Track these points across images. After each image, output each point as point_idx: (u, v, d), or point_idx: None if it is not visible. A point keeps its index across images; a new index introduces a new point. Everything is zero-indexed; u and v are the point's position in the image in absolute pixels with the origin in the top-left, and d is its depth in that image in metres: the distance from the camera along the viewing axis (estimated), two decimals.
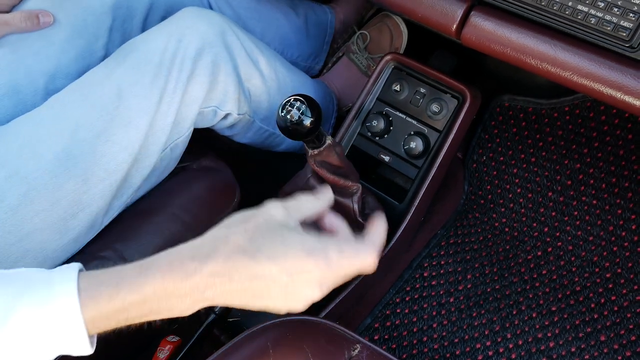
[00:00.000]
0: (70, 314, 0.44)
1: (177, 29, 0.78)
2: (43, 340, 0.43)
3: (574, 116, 1.09)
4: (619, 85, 0.61)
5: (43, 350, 0.44)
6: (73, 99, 0.73)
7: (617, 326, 0.95)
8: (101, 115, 0.72)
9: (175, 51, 0.77)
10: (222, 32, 0.82)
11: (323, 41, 1.20)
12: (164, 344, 0.82)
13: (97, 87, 0.74)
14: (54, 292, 0.44)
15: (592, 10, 0.62)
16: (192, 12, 0.81)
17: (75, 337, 0.44)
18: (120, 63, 0.75)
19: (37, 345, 0.43)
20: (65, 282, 0.44)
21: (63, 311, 0.43)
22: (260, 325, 0.63)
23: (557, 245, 1.06)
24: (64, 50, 0.81)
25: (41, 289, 0.44)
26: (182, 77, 0.77)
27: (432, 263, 1.05)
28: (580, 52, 0.63)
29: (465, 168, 1.16)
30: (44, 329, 0.43)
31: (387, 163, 0.95)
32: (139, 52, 0.76)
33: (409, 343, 0.97)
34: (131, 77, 0.74)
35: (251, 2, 1.05)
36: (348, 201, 0.79)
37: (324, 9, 1.22)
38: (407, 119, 0.94)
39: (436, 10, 0.71)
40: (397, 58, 0.96)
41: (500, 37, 0.67)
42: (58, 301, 0.44)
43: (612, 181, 1.05)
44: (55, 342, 0.44)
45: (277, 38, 1.09)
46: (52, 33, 0.80)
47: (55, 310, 0.43)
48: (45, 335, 0.43)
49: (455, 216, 1.12)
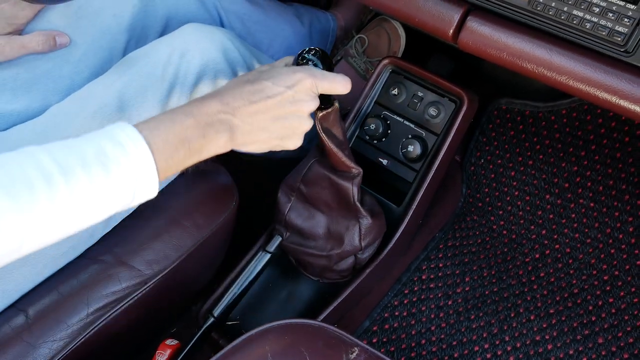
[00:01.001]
0: (147, 160, 0.53)
1: (180, 43, 0.79)
2: (130, 185, 0.53)
3: (571, 119, 1.09)
4: (614, 89, 0.61)
5: (129, 192, 0.53)
6: (74, 108, 0.73)
7: (615, 328, 0.96)
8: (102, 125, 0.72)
9: (178, 65, 0.77)
10: (225, 48, 0.82)
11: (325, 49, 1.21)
12: (162, 347, 0.82)
13: (98, 97, 0.74)
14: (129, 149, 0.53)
15: (588, 15, 0.62)
16: (195, 28, 0.82)
17: (150, 176, 0.54)
18: (121, 75, 0.75)
19: (126, 190, 0.53)
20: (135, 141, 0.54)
21: (141, 160, 0.53)
22: (259, 329, 0.63)
23: (555, 248, 1.06)
24: (78, 71, 0.81)
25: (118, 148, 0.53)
26: (184, 92, 0.78)
27: (431, 266, 1.06)
28: (576, 57, 0.64)
29: (463, 171, 1.16)
30: (130, 176, 0.52)
31: (385, 166, 0.95)
32: (142, 65, 0.76)
33: (407, 346, 0.97)
34: (133, 88, 0.75)
35: (260, 15, 1.06)
36: (348, 184, 0.80)
37: (327, 16, 1.22)
38: (404, 122, 0.94)
39: (433, 15, 0.71)
40: (395, 62, 0.96)
41: (497, 42, 0.68)
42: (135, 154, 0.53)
43: (609, 184, 1.06)
44: (136, 186, 0.53)
45: (283, 49, 1.10)
46: (67, 52, 0.80)
47: (135, 159, 0.53)
48: (131, 181, 0.53)
49: (454, 219, 1.12)
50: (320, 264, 0.87)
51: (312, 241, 0.86)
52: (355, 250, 0.85)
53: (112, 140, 0.52)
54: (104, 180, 0.51)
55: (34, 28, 0.79)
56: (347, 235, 0.84)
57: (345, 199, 0.82)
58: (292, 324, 0.64)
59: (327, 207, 0.85)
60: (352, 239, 0.84)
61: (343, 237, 0.84)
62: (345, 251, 0.85)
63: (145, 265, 0.75)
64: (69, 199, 0.49)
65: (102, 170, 0.51)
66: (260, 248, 0.89)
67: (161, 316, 0.89)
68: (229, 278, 0.91)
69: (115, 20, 0.85)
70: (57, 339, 0.69)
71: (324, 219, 0.86)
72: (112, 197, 0.52)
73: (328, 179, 0.82)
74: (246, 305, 0.92)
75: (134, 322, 0.77)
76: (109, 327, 0.72)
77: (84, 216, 0.51)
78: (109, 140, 0.52)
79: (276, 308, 0.93)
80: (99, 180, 0.51)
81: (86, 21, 0.82)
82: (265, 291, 0.94)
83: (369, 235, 0.84)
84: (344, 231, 0.84)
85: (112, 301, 0.72)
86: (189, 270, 0.82)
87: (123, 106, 0.74)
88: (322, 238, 0.86)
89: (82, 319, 0.70)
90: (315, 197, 0.85)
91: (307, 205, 0.86)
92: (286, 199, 0.87)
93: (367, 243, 0.85)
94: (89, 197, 0.50)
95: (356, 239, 0.84)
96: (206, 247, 0.82)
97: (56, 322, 0.69)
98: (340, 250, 0.85)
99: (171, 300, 0.87)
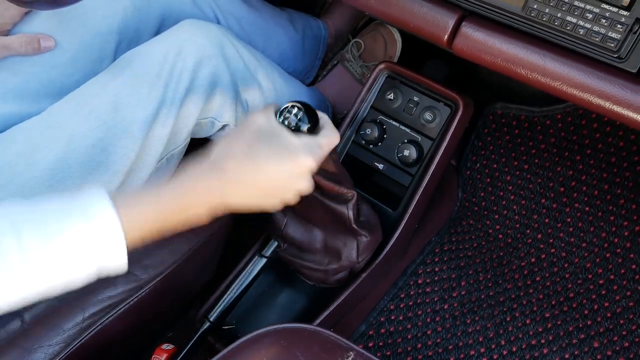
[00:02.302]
0: (110, 224, 0.50)
1: (176, 40, 0.79)
2: (86, 252, 0.50)
3: (566, 124, 1.10)
4: (607, 95, 0.62)
5: (86, 260, 0.50)
6: (68, 108, 0.73)
7: (610, 332, 0.96)
8: (97, 125, 0.72)
9: (174, 63, 0.77)
10: (221, 44, 0.82)
11: (316, 57, 1.22)
12: (159, 352, 0.82)
13: (94, 97, 0.74)
14: (92, 212, 0.51)
15: (581, 21, 0.63)
16: (191, 24, 0.82)
17: (114, 246, 0.51)
18: (117, 74, 0.76)
19: (81, 257, 0.50)
20: (98, 203, 0.52)
21: (103, 223, 0.50)
22: (255, 333, 0.63)
23: (551, 252, 1.07)
24: (67, 74, 0.80)
25: (78, 211, 0.51)
26: (180, 89, 0.78)
27: (427, 270, 1.06)
28: (570, 63, 0.64)
29: (459, 175, 1.17)
30: (87, 242, 0.50)
31: (381, 171, 0.95)
32: (137, 64, 0.77)
33: (403, 350, 0.98)
34: (128, 87, 0.75)
35: (257, 18, 1.06)
36: (343, 208, 0.80)
37: (319, 24, 1.23)
38: (400, 127, 0.95)
39: (428, 21, 0.72)
40: (391, 67, 0.96)
41: (491, 48, 0.68)
42: (98, 217, 0.51)
43: (604, 188, 1.06)
44: (97, 251, 0.50)
45: (277, 53, 1.10)
46: (56, 55, 0.80)
47: (97, 223, 0.50)
48: (89, 247, 0.50)
49: (450, 223, 1.12)
50: (317, 276, 0.88)
51: (310, 254, 0.87)
52: (352, 265, 0.86)
53: (84, 215, 0.51)
54: (63, 245, 0.49)
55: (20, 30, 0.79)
56: (344, 250, 0.84)
57: (341, 221, 0.82)
58: (288, 329, 0.64)
59: (323, 224, 0.85)
60: (350, 254, 0.84)
61: (340, 253, 0.85)
62: (343, 266, 0.85)
63: (141, 269, 0.75)
64: (25, 265, 0.48)
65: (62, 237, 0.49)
66: (256, 253, 0.89)
67: (157, 320, 0.89)
68: (225, 282, 0.91)
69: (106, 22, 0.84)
70: (53, 344, 0.69)
71: (320, 234, 0.86)
72: (70, 264, 0.50)
73: (321, 203, 0.81)
74: (242, 309, 0.92)
75: (130, 326, 0.77)
76: (104, 332, 0.72)
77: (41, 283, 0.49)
78: (80, 215, 0.51)
79: (272, 312, 0.93)
80: (55, 244, 0.49)
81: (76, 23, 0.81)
82: (261, 295, 0.94)
83: (366, 251, 0.85)
84: (342, 246, 0.84)
85: (108, 306, 0.72)
86: (185, 274, 0.82)
87: (118, 106, 0.74)
88: (319, 252, 0.86)
89: (78, 323, 0.70)
90: (310, 216, 0.85)
91: (303, 221, 0.86)
92: (281, 214, 0.87)
93: (363, 258, 0.86)
94: (45, 263, 0.48)
95: (354, 255, 0.84)
96: (202, 251, 0.82)
97: (52, 326, 0.69)
98: (337, 266, 0.85)
99: (167, 305, 0.87)
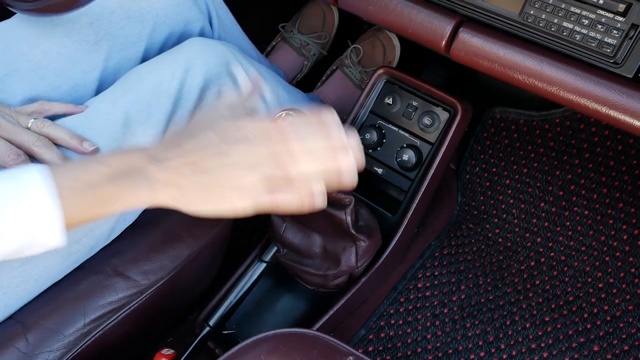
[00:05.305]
0: (44, 191, 0.47)
1: (184, 58, 0.79)
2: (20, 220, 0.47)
3: (565, 128, 1.10)
4: (603, 100, 0.62)
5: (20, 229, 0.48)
6: (79, 124, 0.74)
7: (610, 336, 0.96)
8: (107, 142, 0.73)
9: (183, 81, 0.78)
10: (228, 62, 0.83)
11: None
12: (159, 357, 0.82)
13: (103, 114, 0.74)
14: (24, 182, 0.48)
15: (577, 27, 0.63)
16: (199, 42, 0.82)
17: (47, 217, 0.48)
18: (126, 92, 0.76)
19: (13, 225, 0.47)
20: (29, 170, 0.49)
21: (36, 189, 0.47)
22: (254, 338, 0.63)
23: (550, 256, 1.07)
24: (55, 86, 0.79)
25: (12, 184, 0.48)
26: (188, 106, 0.79)
27: (426, 274, 1.06)
28: (566, 68, 0.64)
29: (459, 179, 1.17)
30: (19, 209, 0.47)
31: (380, 175, 0.96)
32: (146, 82, 0.77)
33: (403, 354, 0.98)
34: (138, 105, 0.75)
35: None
36: (341, 213, 0.80)
37: None
38: (399, 131, 0.95)
39: (426, 27, 0.72)
40: (390, 72, 0.97)
41: (488, 53, 0.69)
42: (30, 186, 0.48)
43: (603, 191, 1.06)
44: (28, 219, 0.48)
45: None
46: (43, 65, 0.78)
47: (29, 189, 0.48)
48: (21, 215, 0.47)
49: (449, 227, 1.13)
50: (316, 281, 0.88)
51: (309, 259, 0.87)
52: (351, 270, 0.86)
53: (16, 182, 0.49)
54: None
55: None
56: (343, 256, 0.85)
57: (339, 226, 0.82)
58: (287, 333, 0.64)
59: (322, 230, 0.85)
60: (349, 259, 0.85)
61: (339, 258, 0.85)
62: (342, 271, 0.85)
63: (142, 275, 0.75)
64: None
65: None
66: (255, 257, 0.90)
67: (157, 326, 0.89)
68: (224, 287, 0.91)
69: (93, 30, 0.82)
70: (54, 350, 0.69)
71: (319, 239, 0.86)
72: (5, 237, 0.48)
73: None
74: (242, 314, 0.92)
75: (131, 332, 0.77)
76: (105, 338, 0.73)
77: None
78: (11, 180, 0.49)
79: (272, 317, 0.93)
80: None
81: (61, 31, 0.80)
82: (261, 300, 0.94)
83: (365, 256, 0.85)
84: (341, 252, 0.85)
85: (109, 311, 0.73)
86: (185, 280, 0.82)
87: (128, 122, 0.74)
88: (318, 257, 0.86)
89: (79, 329, 0.71)
90: (308, 222, 0.85)
91: (302, 226, 0.87)
92: (280, 219, 0.87)
93: (363, 262, 0.86)
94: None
95: (352, 260, 0.85)
96: (202, 257, 0.82)
97: (53, 332, 0.69)
98: (336, 271, 0.85)
99: (167, 310, 0.87)
